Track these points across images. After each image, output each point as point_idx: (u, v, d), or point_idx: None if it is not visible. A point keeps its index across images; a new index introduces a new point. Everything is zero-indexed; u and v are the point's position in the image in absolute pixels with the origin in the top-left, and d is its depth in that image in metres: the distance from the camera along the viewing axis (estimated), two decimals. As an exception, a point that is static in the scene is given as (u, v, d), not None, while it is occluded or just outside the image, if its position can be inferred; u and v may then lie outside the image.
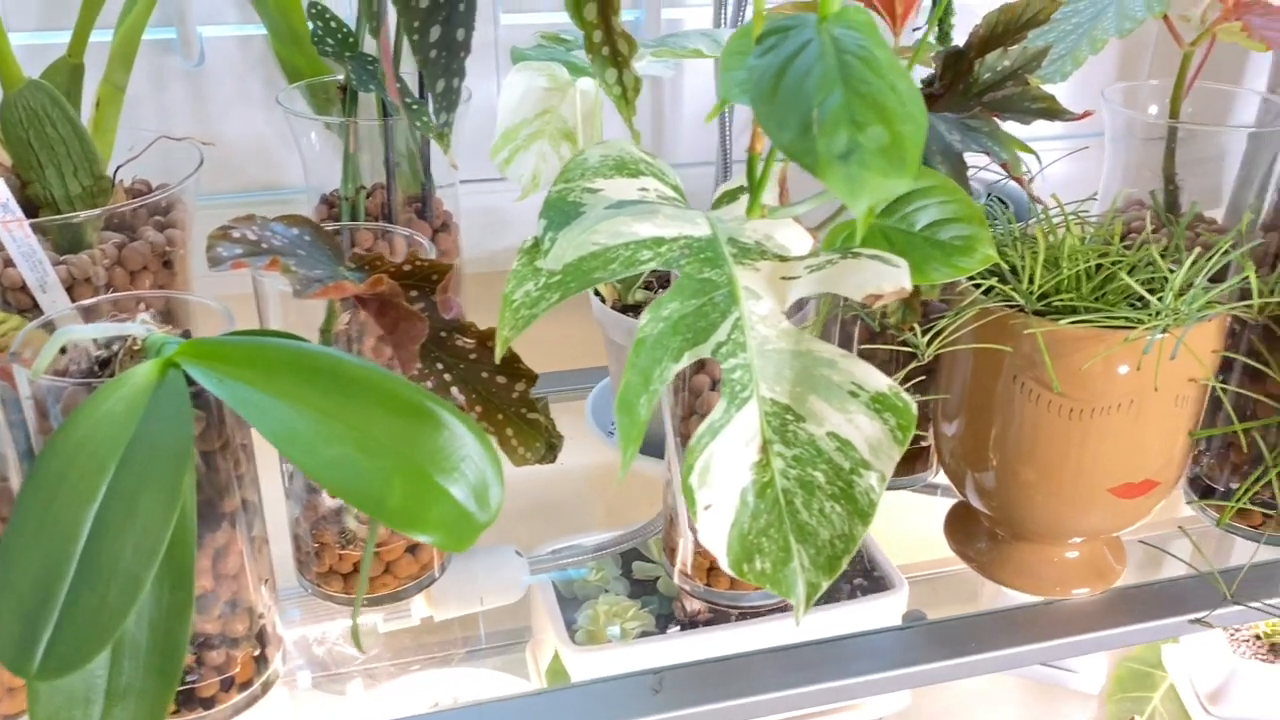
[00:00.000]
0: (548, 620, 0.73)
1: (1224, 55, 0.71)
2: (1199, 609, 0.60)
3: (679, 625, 0.73)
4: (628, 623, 0.75)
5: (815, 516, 0.41)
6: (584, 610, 0.75)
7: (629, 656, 0.68)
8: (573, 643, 0.70)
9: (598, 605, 0.75)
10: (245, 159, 0.78)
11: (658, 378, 0.40)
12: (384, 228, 0.59)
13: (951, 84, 0.59)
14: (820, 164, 0.30)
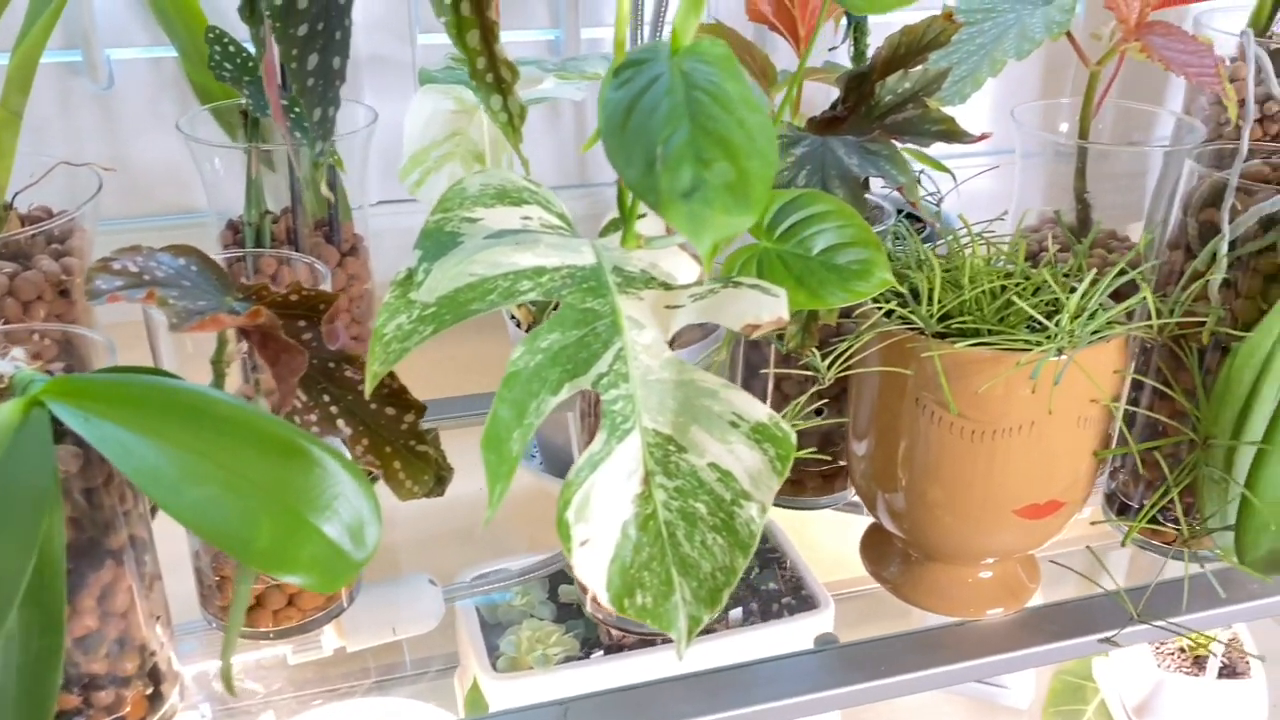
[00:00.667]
0: (470, 647, 0.72)
1: (1156, 73, 0.72)
2: (1111, 627, 0.60)
3: (603, 650, 0.72)
4: (550, 648, 0.74)
5: (697, 549, 0.41)
6: (507, 636, 0.74)
7: (550, 683, 0.68)
8: (494, 669, 0.69)
9: (521, 631, 0.74)
10: (157, 183, 0.77)
11: (534, 411, 0.39)
12: (283, 254, 0.58)
13: (855, 106, 0.59)
14: (663, 202, 0.29)
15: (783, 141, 0.56)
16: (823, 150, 0.56)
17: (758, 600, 0.80)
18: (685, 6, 0.32)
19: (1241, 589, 0.61)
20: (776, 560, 0.85)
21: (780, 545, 0.85)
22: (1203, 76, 0.57)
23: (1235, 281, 0.59)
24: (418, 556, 0.80)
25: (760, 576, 0.84)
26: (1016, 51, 0.57)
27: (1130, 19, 0.61)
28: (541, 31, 0.80)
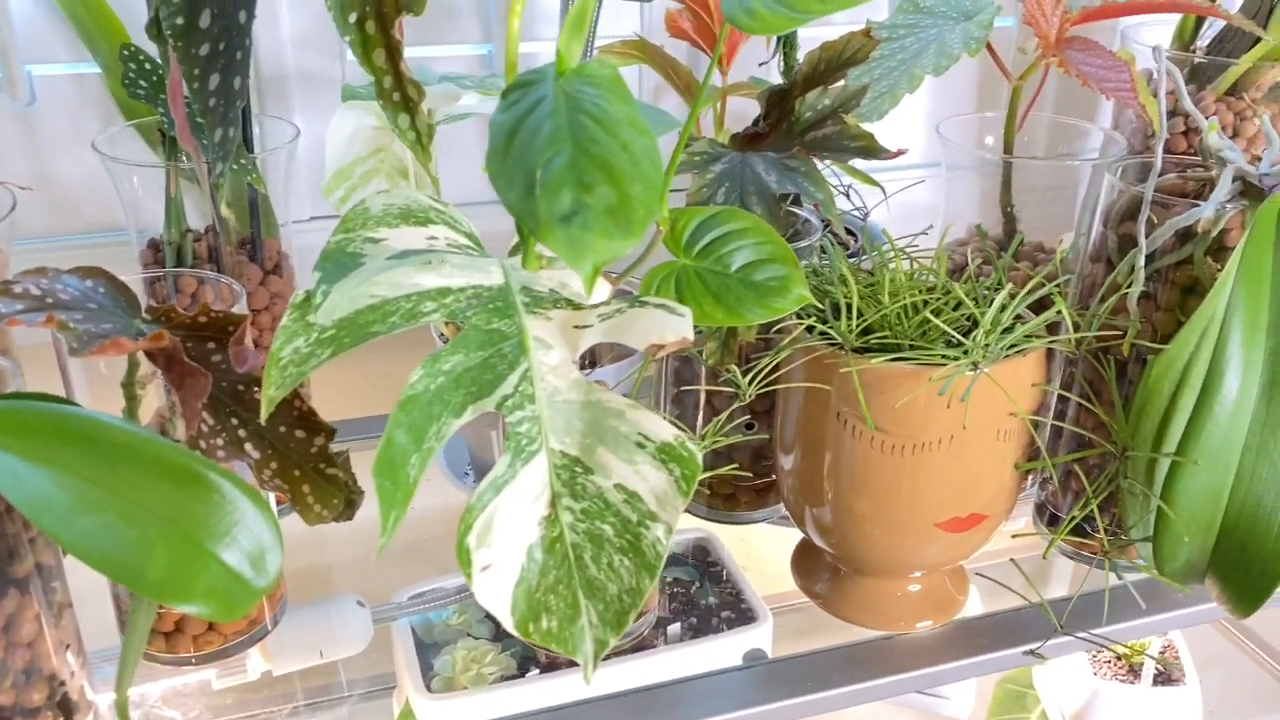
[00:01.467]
0: (405, 667, 0.71)
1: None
2: (1039, 639, 0.60)
3: (539, 669, 0.72)
4: (486, 668, 0.73)
5: (604, 571, 0.41)
6: (443, 656, 0.73)
7: (484, 703, 0.67)
8: (427, 690, 0.69)
9: (456, 650, 0.73)
10: (81, 201, 0.76)
11: (434, 435, 0.39)
12: (200, 273, 0.57)
13: (777, 123, 0.59)
14: (541, 226, 0.29)
15: (702, 158, 0.56)
16: (742, 167, 0.56)
17: (697, 615, 0.80)
18: (568, 29, 0.32)
19: (1167, 599, 0.62)
20: (717, 575, 0.85)
21: (721, 559, 0.85)
22: (1119, 91, 0.58)
23: (1154, 294, 0.60)
24: (353, 577, 0.79)
25: (701, 591, 0.83)
26: (935, 68, 0.57)
27: (1050, 35, 0.62)
28: (474, 46, 0.80)
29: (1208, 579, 0.55)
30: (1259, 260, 0.52)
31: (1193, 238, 0.58)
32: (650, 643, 0.76)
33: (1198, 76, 0.78)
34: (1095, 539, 0.64)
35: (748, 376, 0.55)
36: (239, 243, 0.66)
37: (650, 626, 0.63)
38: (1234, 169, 0.56)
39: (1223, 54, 0.76)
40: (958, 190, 0.70)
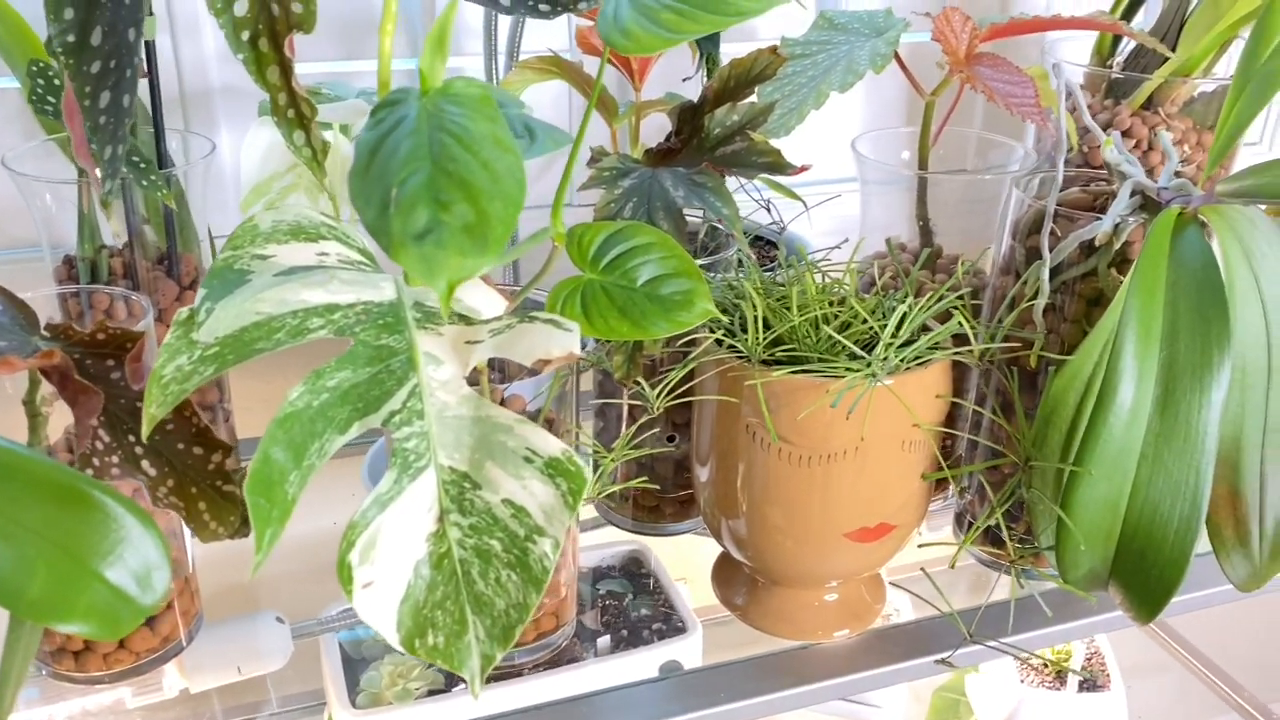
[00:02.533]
0: (331, 683, 0.71)
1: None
2: (951, 647, 0.61)
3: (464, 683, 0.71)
4: (412, 683, 0.73)
5: (492, 586, 0.41)
6: (369, 671, 0.73)
7: (408, 718, 0.67)
8: (352, 705, 0.68)
9: (383, 666, 0.73)
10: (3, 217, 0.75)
11: (316, 453, 0.39)
12: (110, 290, 0.57)
13: (688, 138, 0.60)
14: (394, 245, 0.29)
15: (612, 174, 0.57)
16: (651, 182, 0.56)
17: (628, 627, 0.80)
18: (429, 49, 0.32)
19: (1077, 606, 0.63)
20: (650, 586, 0.85)
21: (654, 571, 0.85)
22: (1024, 107, 0.59)
23: (1061, 306, 0.61)
24: (280, 593, 0.79)
25: (634, 603, 0.83)
26: (841, 85, 0.58)
27: (959, 51, 0.63)
28: (402, 61, 0.80)
29: (1111, 586, 0.56)
30: (1153, 272, 0.53)
31: (1097, 250, 0.59)
32: (577, 655, 0.76)
33: (1115, 91, 0.79)
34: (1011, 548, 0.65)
35: (656, 389, 0.56)
36: (157, 258, 0.66)
37: (569, 638, 0.63)
38: (1132, 183, 0.57)
39: (1138, 69, 0.78)
40: (877, 204, 0.70)
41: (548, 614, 0.60)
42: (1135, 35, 0.64)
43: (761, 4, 0.39)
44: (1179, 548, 0.53)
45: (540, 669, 0.68)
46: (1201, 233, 0.55)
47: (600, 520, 0.75)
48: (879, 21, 0.65)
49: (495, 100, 0.34)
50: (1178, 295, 0.53)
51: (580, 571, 0.86)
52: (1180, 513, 0.53)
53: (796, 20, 0.85)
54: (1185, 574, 0.53)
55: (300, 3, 0.44)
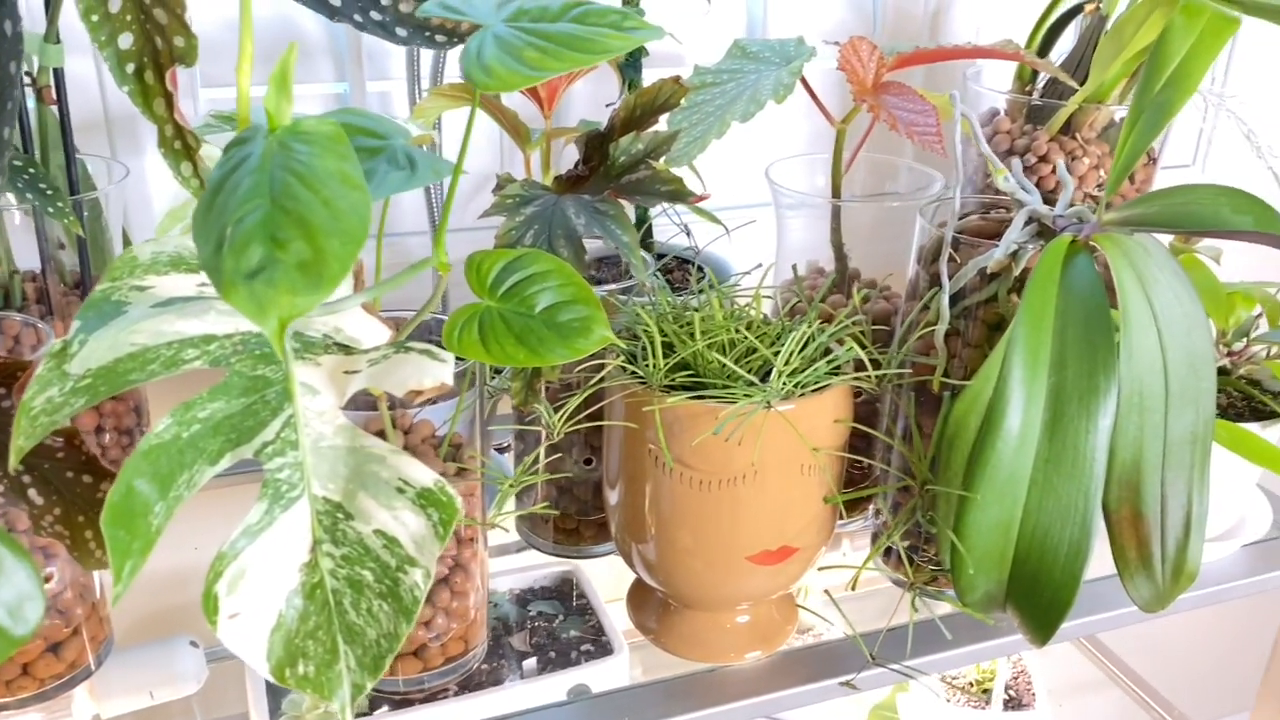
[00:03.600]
0: (254, 707, 0.71)
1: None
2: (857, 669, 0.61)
3: (390, 705, 0.71)
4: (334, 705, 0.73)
5: (363, 616, 0.41)
6: (292, 695, 0.73)
7: (325, 742, 0.67)
8: (274, 731, 0.68)
9: (305, 689, 0.73)
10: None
11: (185, 484, 0.39)
12: (18, 317, 0.57)
13: (596, 166, 0.61)
14: (225, 284, 0.30)
15: (515, 201, 0.57)
16: (553, 210, 0.57)
17: (557, 649, 0.80)
18: (274, 88, 0.33)
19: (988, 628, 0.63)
20: (582, 608, 0.86)
21: (586, 593, 0.86)
22: (924, 136, 0.60)
23: (964, 331, 0.61)
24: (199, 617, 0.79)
25: (564, 625, 0.84)
26: (743, 115, 0.58)
27: (867, 80, 0.64)
28: (330, 85, 0.80)
29: (1008, 608, 0.57)
30: (1041, 299, 0.54)
31: (997, 276, 0.60)
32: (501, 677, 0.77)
33: (1035, 117, 0.80)
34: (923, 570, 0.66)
35: (557, 414, 0.56)
36: (74, 283, 0.66)
37: (480, 659, 0.64)
38: (1028, 211, 0.58)
39: (1056, 95, 0.79)
40: (793, 229, 0.71)
41: (455, 638, 0.60)
42: (1040, 65, 0.65)
43: (623, 43, 0.40)
44: (1069, 570, 0.54)
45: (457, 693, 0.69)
46: (1092, 260, 0.55)
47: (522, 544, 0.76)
48: (790, 50, 0.66)
49: (346, 138, 0.34)
50: (1067, 323, 0.54)
51: (512, 593, 0.87)
52: (1070, 536, 0.53)
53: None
54: (1076, 596, 0.54)
55: (182, 36, 0.44)
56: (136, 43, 0.44)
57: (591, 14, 0.41)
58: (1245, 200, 0.56)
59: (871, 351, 0.57)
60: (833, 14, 0.91)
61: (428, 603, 0.58)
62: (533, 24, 0.40)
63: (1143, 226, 0.56)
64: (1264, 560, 0.74)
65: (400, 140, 0.46)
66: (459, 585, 0.58)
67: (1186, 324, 0.57)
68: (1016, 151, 0.80)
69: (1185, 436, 0.57)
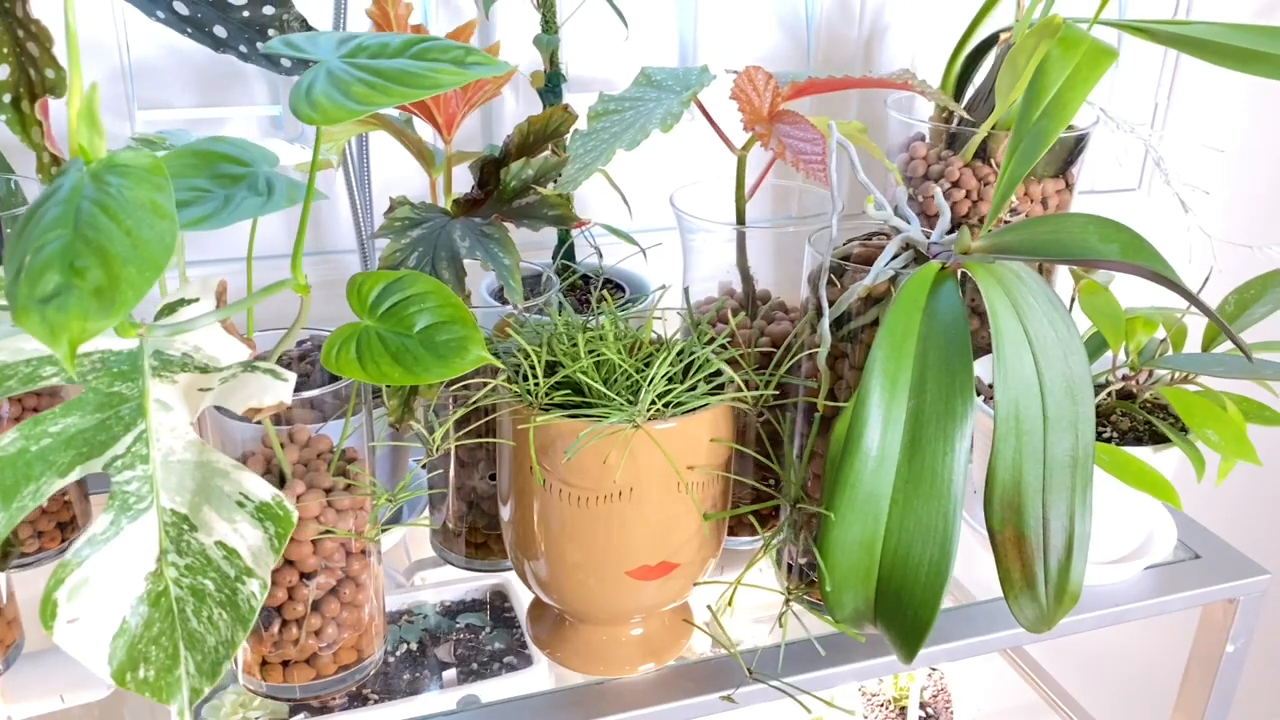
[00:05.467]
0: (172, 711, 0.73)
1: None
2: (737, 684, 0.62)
3: (309, 713, 0.73)
4: (252, 712, 0.75)
5: (204, 624, 0.43)
6: (212, 699, 0.75)
7: (239, 747, 0.69)
8: (190, 734, 0.70)
9: (226, 695, 0.75)
10: None
11: (30, 494, 0.41)
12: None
13: (491, 190, 0.63)
14: (19, 309, 0.32)
15: (402, 224, 0.59)
16: (440, 233, 0.59)
17: (479, 660, 0.82)
18: (83, 124, 0.35)
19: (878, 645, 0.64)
20: (510, 620, 0.87)
21: (516, 605, 0.87)
22: (810, 164, 0.61)
23: (850, 354, 0.63)
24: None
25: (490, 636, 0.85)
26: (629, 143, 0.60)
27: (761, 108, 0.65)
28: (265, 107, 0.83)
29: (878, 624, 0.58)
30: (903, 325, 0.55)
31: (878, 302, 0.61)
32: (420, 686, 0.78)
33: (955, 143, 0.82)
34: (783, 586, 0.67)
35: (434, 432, 0.58)
36: None
37: (375, 668, 0.65)
38: (901, 238, 0.59)
39: (972, 122, 0.81)
40: (699, 252, 0.73)
41: (347, 647, 0.62)
42: (929, 94, 0.67)
43: (457, 78, 0.42)
44: (930, 589, 0.55)
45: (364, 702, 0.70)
46: (957, 288, 0.57)
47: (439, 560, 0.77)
48: (691, 79, 0.68)
49: (164, 169, 0.36)
50: (928, 347, 0.55)
51: (442, 604, 0.88)
52: (930, 556, 0.55)
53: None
54: (936, 614, 0.55)
55: (52, 69, 0.47)
56: (12, 74, 0.47)
57: (432, 50, 0.43)
58: (1114, 229, 0.57)
59: (747, 373, 0.59)
60: (767, 39, 0.93)
61: (316, 612, 0.59)
62: (369, 60, 0.42)
63: (1008, 254, 0.57)
64: (1168, 582, 0.74)
65: (264, 167, 0.48)
66: (348, 596, 0.60)
67: (1062, 349, 0.58)
68: (932, 176, 0.81)
69: (1065, 460, 0.59)
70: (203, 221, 0.43)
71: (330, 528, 0.56)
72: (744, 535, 0.74)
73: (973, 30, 0.82)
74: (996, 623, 0.70)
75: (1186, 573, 0.75)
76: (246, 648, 0.62)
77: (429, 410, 0.60)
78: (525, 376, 0.59)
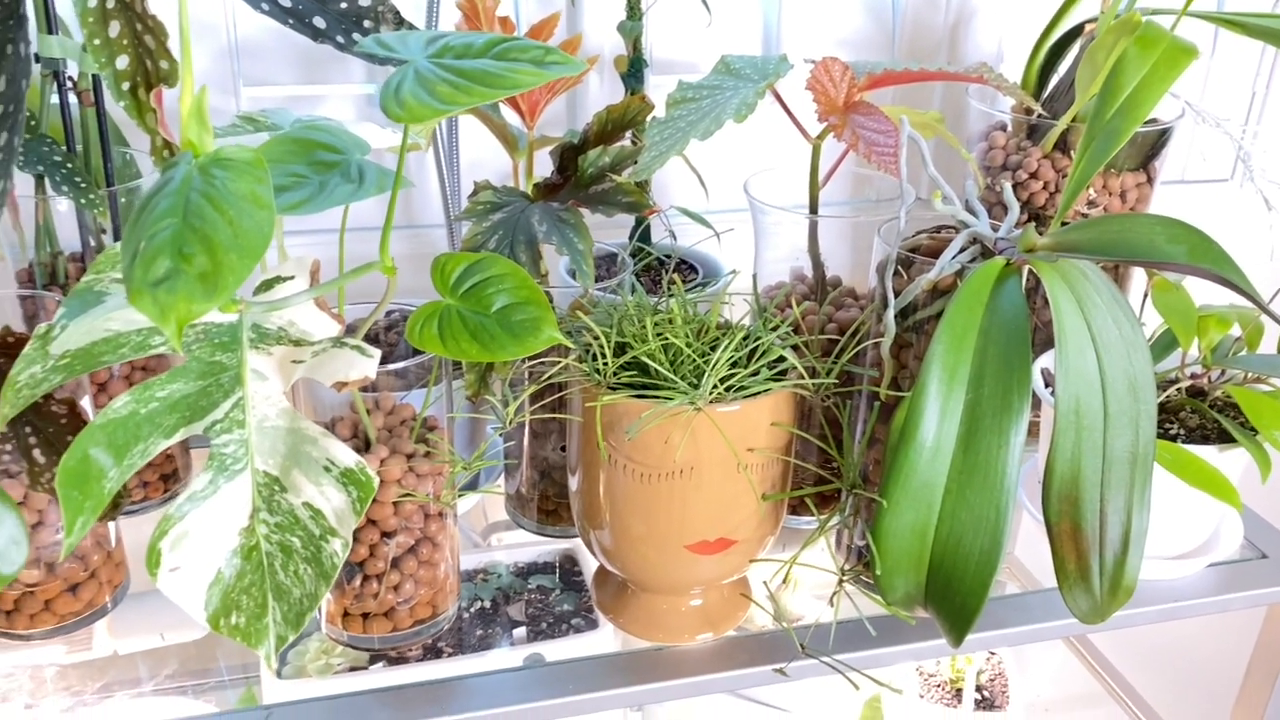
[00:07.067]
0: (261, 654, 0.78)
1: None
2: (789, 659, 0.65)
3: (386, 663, 0.78)
4: (335, 658, 0.80)
5: (291, 577, 0.47)
6: (299, 646, 0.80)
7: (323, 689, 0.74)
8: (277, 676, 0.75)
9: (310, 641, 0.80)
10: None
11: (139, 453, 0.45)
12: (40, 294, 0.64)
13: (569, 176, 0.65)
14: (133, 291, 0.35)
15: (484, 208, 0.62)
16: (520, 217, 0.62)
17: (548, 620, 0.86)
18: (194, 123, 0.38)
19: (928, 628, 0.66)
20: (579, 584, 0.91)
21: (584, 570, 0.91)
22: (882, 156, 0.63)
23: (914, 344, 0.64)
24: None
25: (559, 598, 0.89)
26: (703, 133, 0.62)
27: (837, 99, 0.67)
28: (360, 86, 0.87)
29: (928, 608, 0.60)
30: (964, 319, 0.56)
31: (944, 293, 0.62)
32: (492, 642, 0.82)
33: (1035, 135, 0.82)
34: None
35: (508, 406, 0.61)
36: (114, 264, 0.73)
37: (449, 624, 0.69)
38: (968, 233, 0.60)
39: (1053, 114, 0.80)
40: (773, 237, 0.75)
41: (423, 603, 0.66)
42: (1006, 89, 0.67)
43: (536, 78, 0.44)
44: (979, 578, 0.56)
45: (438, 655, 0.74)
46: (1021, 284, 0.58)
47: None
48: (769, 68, 0.69)
49: (264, 163, 0.40)
50: (988, 342, 0.56)
51: (516, 565, 0.92)
52: (981, 545, 0.56)
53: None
54: (985, 603, 0.56)
55: (166, 60, 0.50)
56: (131, 64, 0.51)
57: (512, 50, 0.46)
58: (1182, 231, 0.58)
59: (811, 360, 0.61)
60: (851, 23, 0.94)
61: (395, 569, 0.63)
62: (454, 60, 0.45)
63: (1073, 252, 0.58)
64: (1232, 580, 0.74)
65: (357, 155, 0.51)
66: (425, 555, 0.64)
67: (1125, 347, 0.59)
68: (1010, 167, 0.81)
69: (1124, 456, 0.59)
70: (299, 206, 0.46)
71: (410, 491, 0.60)
72: (804, 515, 0.76)
73: (1059, 19, 0.82)
74: (1053, 611, 0.71)
75: (1252, 572, 0.75)
76: (330, 600, 0.66)
77: (504, 384, 0.63)
78: (595, 356, 0.62)
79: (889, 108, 0.67)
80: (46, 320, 0.66)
